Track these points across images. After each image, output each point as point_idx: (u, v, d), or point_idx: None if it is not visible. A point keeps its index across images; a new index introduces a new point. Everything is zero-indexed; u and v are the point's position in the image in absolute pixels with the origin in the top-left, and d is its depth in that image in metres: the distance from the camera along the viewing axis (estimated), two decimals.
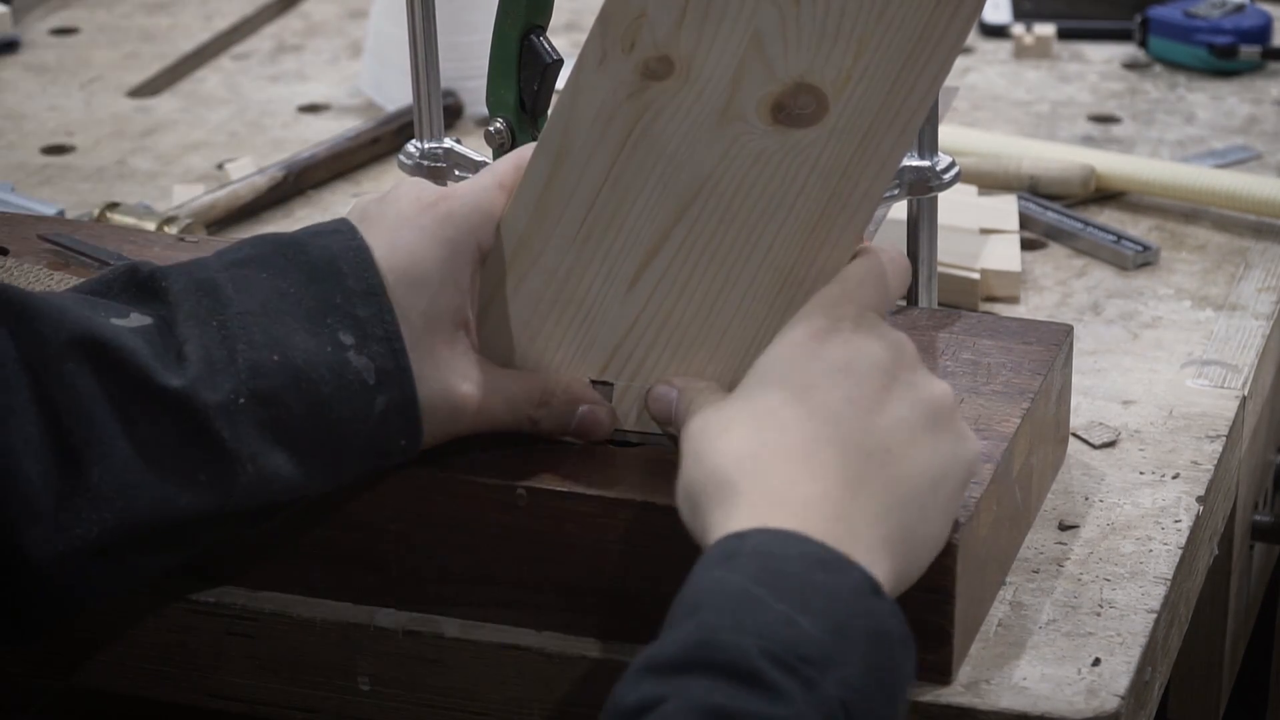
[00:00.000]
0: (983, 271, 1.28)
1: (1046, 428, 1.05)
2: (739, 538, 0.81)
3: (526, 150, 0.97)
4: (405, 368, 0.91)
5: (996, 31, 1.71)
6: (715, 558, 0.81)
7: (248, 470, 0.88)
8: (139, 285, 0.91)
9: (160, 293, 0.90)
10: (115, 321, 0.89)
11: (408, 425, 0.92)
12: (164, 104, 1.63)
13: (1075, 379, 1.11)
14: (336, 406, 0.90)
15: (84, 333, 0.87)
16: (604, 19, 0.94)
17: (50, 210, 1.40)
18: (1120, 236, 1.34)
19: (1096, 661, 0.94)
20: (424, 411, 0.92)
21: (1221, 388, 1.17)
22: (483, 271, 0.99)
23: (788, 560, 0.80)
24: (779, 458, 0.84)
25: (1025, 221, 1.37)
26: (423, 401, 0.92)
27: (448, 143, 1.17)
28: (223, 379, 0.88)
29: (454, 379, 0.93)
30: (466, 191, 0.95)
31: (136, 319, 0.89)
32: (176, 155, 1.53)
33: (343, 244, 0.92)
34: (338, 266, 0.91)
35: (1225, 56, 1.61)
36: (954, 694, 0.92)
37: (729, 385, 0.97)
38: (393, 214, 0.93)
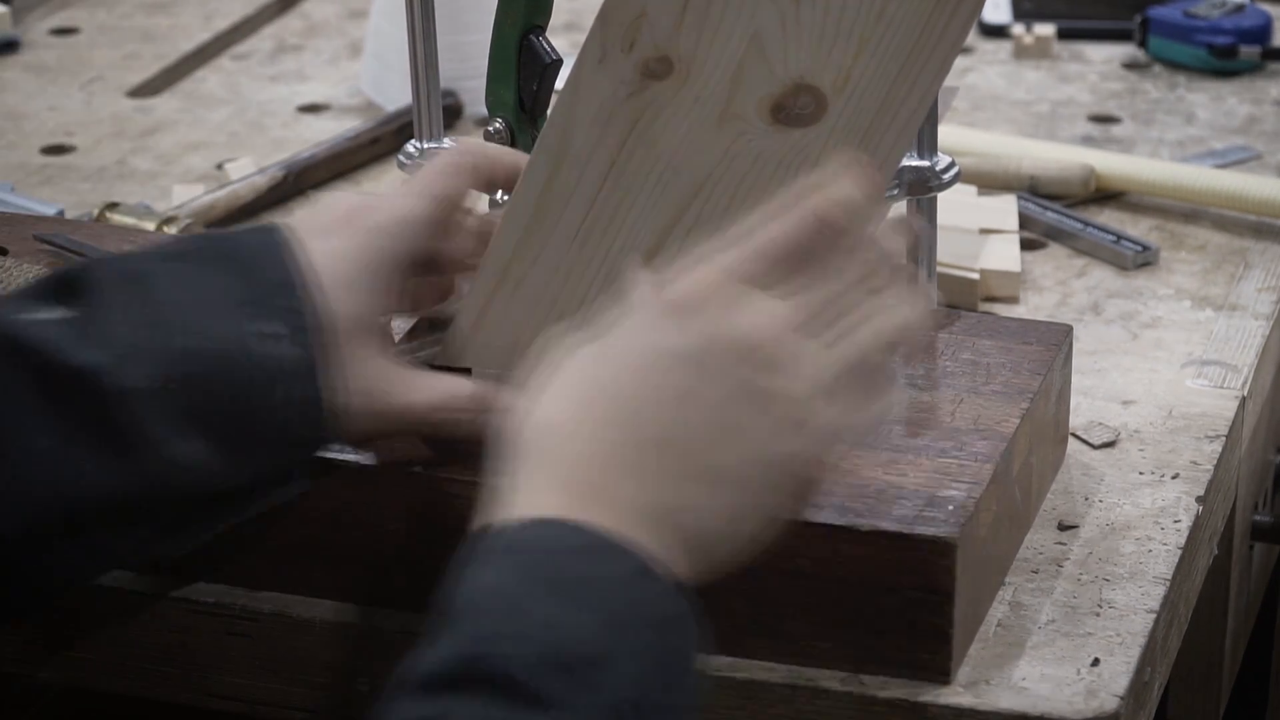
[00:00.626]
0: (982, 272, 1.28)
1: (1046, 428, 1.05)
2: (503, 532, 0.78)
3: (451, 155, 0.98)
4: (319, 359, 0.91)
5: (996, 31, 1.71)
6: (481, 553, 0.78)
7: (162, 455, 0.89)
8: (69, 282, 0.92)
9: (87, 286, 0.91)
10: (33, 315, 0.90)
11: (320, 416, 0.92)
12: (164, 104, 1.63)
13: (1075, 379, 1.11)
14: (251, 394, 0.90)
15: None
16: (604, 18, 0.94)
17: (50, 210, 1.39)
18: (1120, 236, 1.34)
19: (1096, 662, 0.94)
20: (347, 409, 0.93)
21: (1221, 388, 1.17)
22: (482, 271, 0.99)
23: (555, 553, 0.77)
24: (566, 434, 0.81)
25: (1025, 221, 1.37)
26: (346, 400, 0.93)
27: (447, 143, 1.18)
28: (139, 365, 0.89)
29: (377, 380, 0.94)
30: (391, 203, 0.96)
31: (59, 313, 0.90)
32: (176, 155, 1.53)
33: (267, 240, 0.93)
34: (260, 260, 0.93)
35: (1225, 56, 1.61)
36: (953, 694, 0.92)
37: None
38: (320, 223, 0.95)
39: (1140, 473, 1.08)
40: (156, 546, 0.94)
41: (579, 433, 0.80)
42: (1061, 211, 1.37)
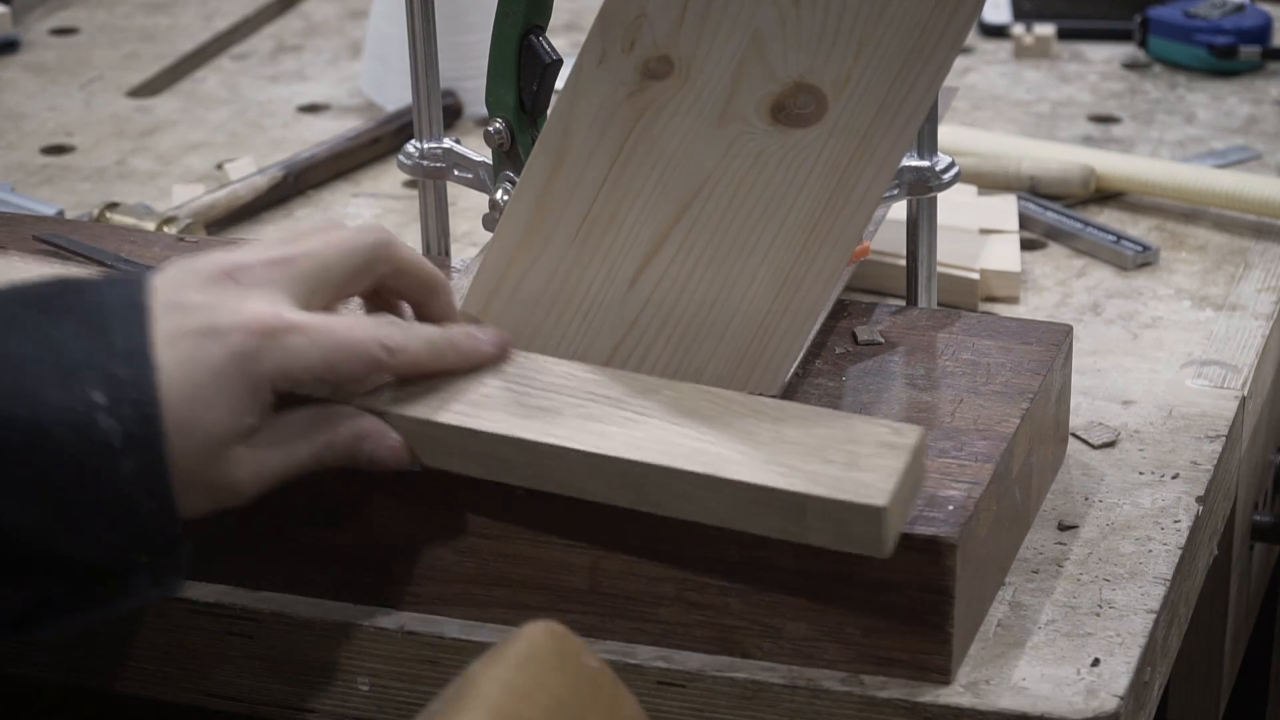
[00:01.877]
0: (982, 272, 1.28)
1: (1046, 428, 1.05)
2: None
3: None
4: (157, 433, 0.87)
5: (996, 31, 1.71)
6: None
7: None
8: None
9: None
10: None
11: (156, 488, 0.88)
12: (164, 104, 1.63)
13: (1075, 379, 1.11)
14: (78, 466, 0.86)
15: None
16: (604, 18, 0.94)
17: (50, 210, 1.40)
18: (1120, 236, 1.34)
19: (1096, 662, 0.94)
20: (206, 492, 0.89)
21: (1221, 388, 1.17)
22: (481, 270, 0.99)
23: None
24: None
25: (1025, 221, 1.37)
26: (206, 485, 0.89)
27: (447, 143, 1.17)
28: None
29: (230, 470, 0.90)
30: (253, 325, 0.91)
31: None
32: (176, 155, 1.53)
33: (125, 299, 0.89)
34: (108, 321, 0.88)
35: (1225, 56, 1.61)
36: (954, 694, 0.92)
37: (730, 384, 0.97)
38: (193, 325, 0.89)
39: (1140, 473, 1.08)
40: (12, 614, 0.89)
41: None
42: (1061, 211, 1.37)
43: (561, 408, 0.94)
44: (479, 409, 0.93)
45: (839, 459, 0.90)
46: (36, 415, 0.86)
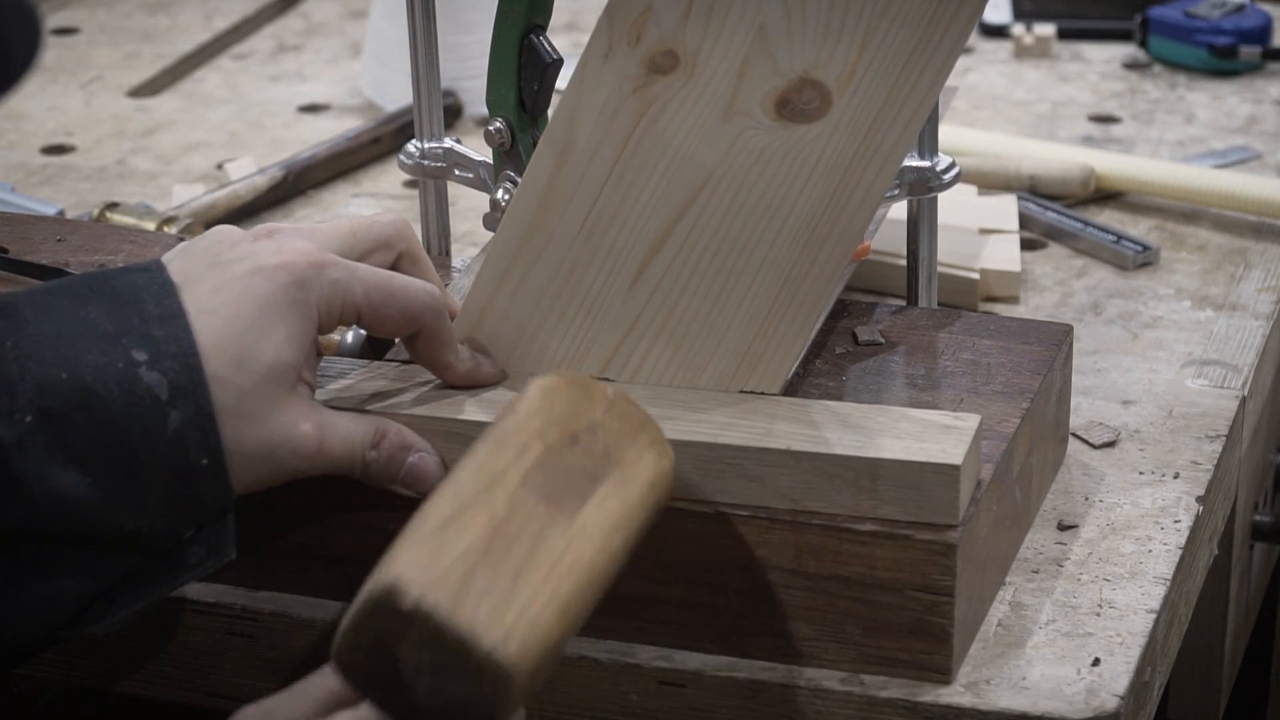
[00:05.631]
0: (982, 271, 1.28)
1: (1046, 428, 1.05)
2: None
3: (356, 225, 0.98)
4: (200, 383, 0.89)
5: (996, 31, 1.71)
6: None
7: (34, 489, 0.86)
8: None
9: None
10: None
11: (206, 441, 0.89)
12: (164, 104, 1.63)
13: (1075, 379, 1.11)
14: (128, 423, 0.88)
15: None
16: (610, 13, 0.94)
17: (50, 210, 1.40)
18: (1120, 236, 1.34)
19: (1096, 661, 0.94)
20: (265, 450, 0.91)
21: (1221, 388, 1.17)
22: (484, 269, 0.99)
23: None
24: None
25: (1025, 221, 1.37)
26: (263, 440, 0.91)
27: (448, 143, 1.17)
28: (9, 398, 0.87)
29: (295, 419, 0.92)
30: (307, 253, 0.94)
31: None
32: (176, 155, 1.53)
33: (147, 279, 0.91)
34: (140, 295, 0.90)
35: (1225, 56, 1.61)
36: (954, 694, 0.92)
37: (731, 382, 0.98)
38: (238, 271, 0.92)
39: (1140, 473, 1.08)
40: (75, 604, 0.90)
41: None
42: (1061, 211, 1.37)
43: None
44: None
45: (907, 435, 0.93)
46: (80, 377, 0.87)
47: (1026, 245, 1.35)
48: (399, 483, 0.95)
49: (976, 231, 1.33)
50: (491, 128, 1.11)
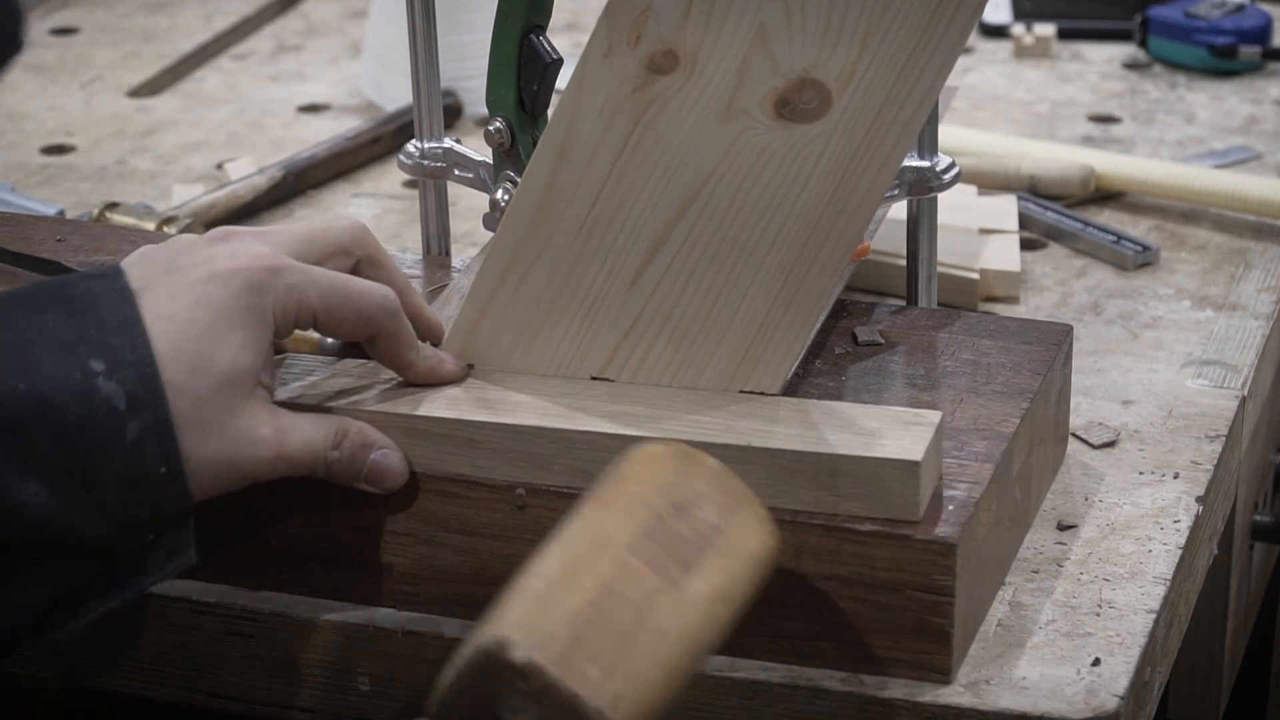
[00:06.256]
0: (982, 271, 1.28)
1: (1046, 428, 1.05)
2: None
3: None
4: (158, 391, 0.88)
5: (996, 31, 1.71)
6: None
7: (3, 500, 0.86)
8: None
9: None
10: None
11: (164, 449, 0.89)
12: (164, 104, 1.63)
13: (1075, 379, 1.11)
14: (86, 434, 0.87)
15: None
16: (610, 12, 0.94)
17: (50, 210, 1.40)
18: (1120, 236, 1.34)
19: (1096, 661, 0.94)
20: (223, 456, 0.91)
21: (1221, 388, 1.17)
22: (484, 268, 0.99)
23: None
24: None
25: (1025, 221, 1.37)
26: (221, 447, 0.91)
27: (447, 142, 1.17)
28: None
29: (253, 424, 0.92)
30: (261, 257, 0.93)
31: None
32: (176, 155, 1.53)
33: (104, 285, 0.91)
34: (96, 303, 0.90)
35: (1225, 56, 1.61)
36: (954, 694, 0.92)
37: (731, 382, 0.98)
38: (194, 277, 0.92)
39: (1140, 473, 1.08)
40: (37, 610, 0.89)
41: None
42: (1061, 211, 1.37)
43: (574, 405, 0.96)
44: (501, 406, 0.97)
45: (867, 430, 0.93)
46: (38, 388, 0.87)
47: (1026, 245, 1.35)
48: (362, 480, 0.96)
49: (976, 231, 1.33)
50: (491, 128, 1.11)
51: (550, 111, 1.08)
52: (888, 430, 0.93)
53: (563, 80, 1.03)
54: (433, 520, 0.97)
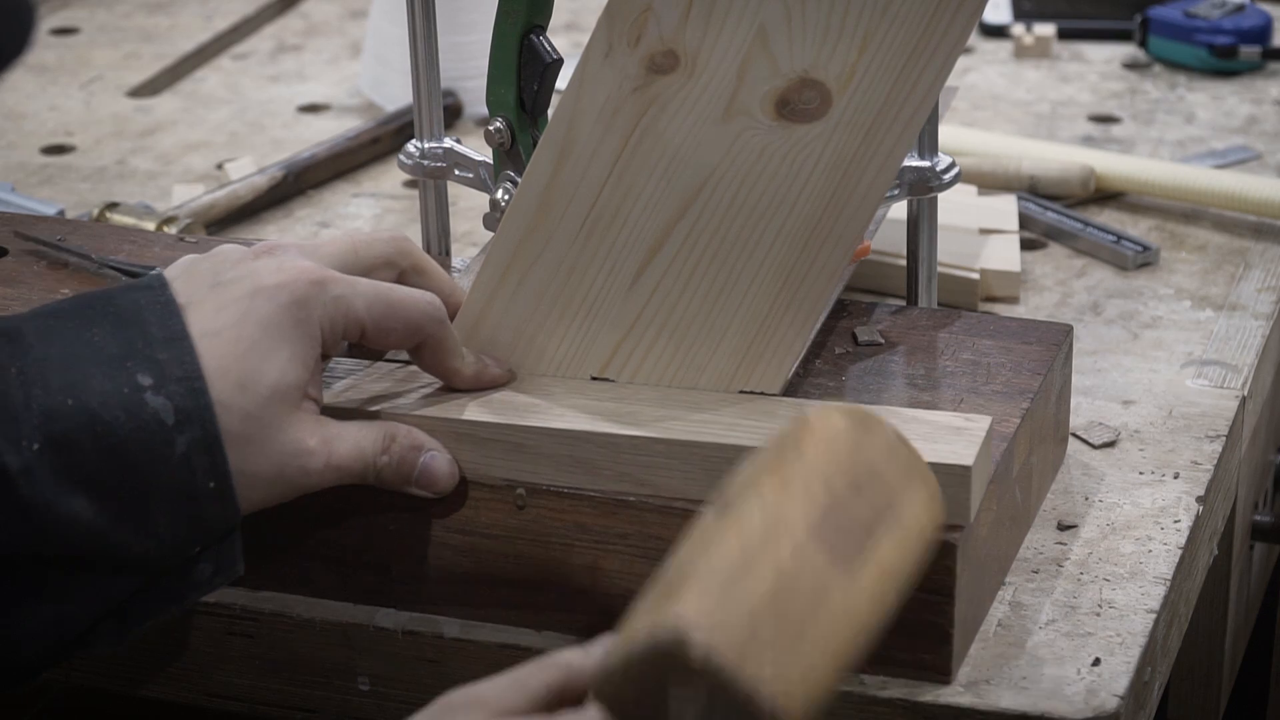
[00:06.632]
0: (982, 271, 1.28)
1: (1046, 428, 1.05)
2: None
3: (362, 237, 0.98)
4: (206, 407, 0.88)
5: (996, 31, 1.71)
6: None
7: (45, 516, 0.86)
8: None
9: None
10: None
11: (213, 465, 0.89)
12: (164, 104, 1.63)
13: (1075, 379, 1.11)
14: (135, 449, 0.87)
15: None
16: (610, 12, 0.94)
17: (50, 210, 1.39)
18: (1120, 236, 1.34)
19: (1096, 661, 0.94)
20: (272, 470, 0.91)
21: (1221, 388, 1.17)
22: (484, 269, 0.99)
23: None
24: None
25: (1025, 221, 1.37)
26: (270, 462, 0.91)
27: (448, 142, 1.17)
28: (16, 425, 0.86)
29: (301, 437, 0.91)
30: (309, 273, 0.93)
31: None
32: (176, 155, 1.53)
33: (150, 298, 0.91)
34: (143, 316, 0.90)
35: (1225, 56, 1.61)
36: (954, 694, 0.92)
37: (731, 382, 0.98)
38: (240, 292, 0.92)
39: (1140, 473, 1.08)
40: (84, 623, 0.89)
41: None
42: (1061, 211, 1.37)
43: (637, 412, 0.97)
44: (550, 411, 0.96)
45: (918, 437, 0.92)
46: (86, 403, 0.87)
47: (1026, 245, 1.35)
48: (413, 484, 0.95)
49: (976, 231, 1.33)
50: (491, 128, 1.11)
51: (550, 111, 1.08)
52: (938, 435, 0.93)
53: (563, 80, 1.03)
54: (433, 520, 0.97)
